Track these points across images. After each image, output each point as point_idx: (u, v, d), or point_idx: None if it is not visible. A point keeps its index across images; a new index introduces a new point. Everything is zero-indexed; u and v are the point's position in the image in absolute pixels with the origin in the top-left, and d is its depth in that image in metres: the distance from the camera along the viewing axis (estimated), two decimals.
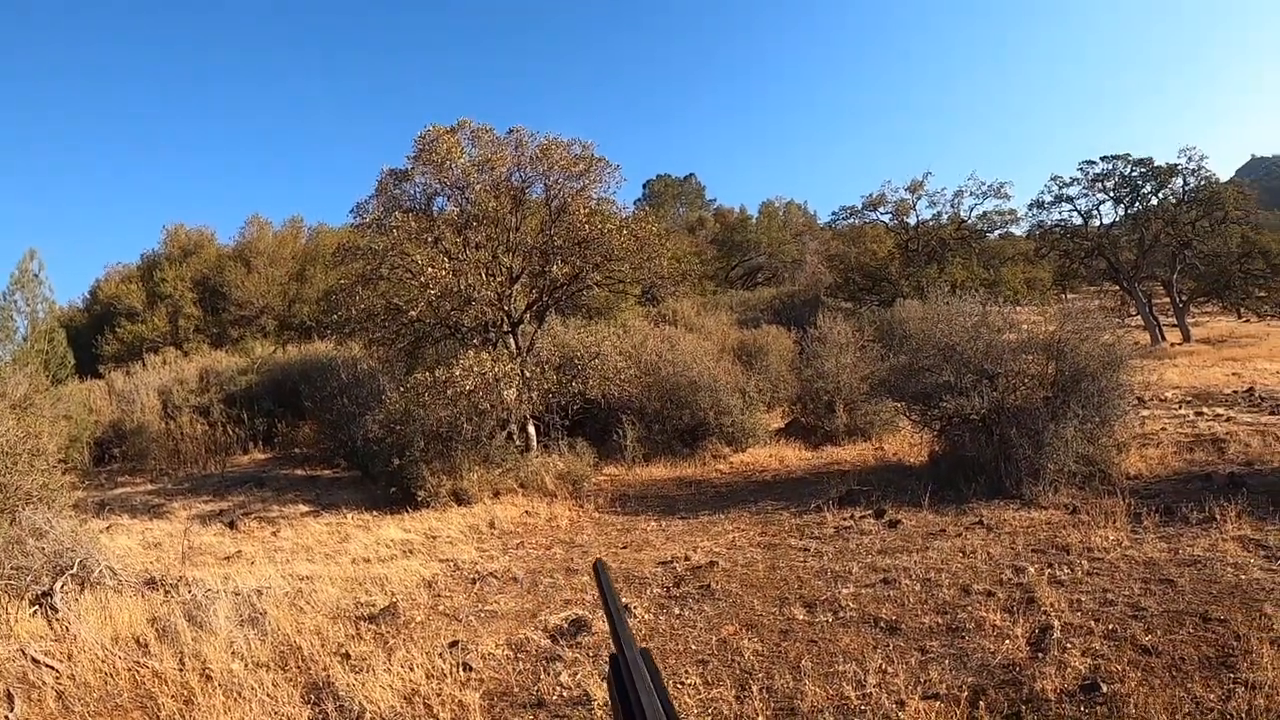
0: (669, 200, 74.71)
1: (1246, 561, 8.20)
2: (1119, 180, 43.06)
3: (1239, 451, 13.83)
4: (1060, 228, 44.52)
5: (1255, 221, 47.10)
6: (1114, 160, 43.25)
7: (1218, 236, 42.35)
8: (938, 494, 12.29)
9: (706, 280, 50.81)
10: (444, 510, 14.64)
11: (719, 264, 54.51)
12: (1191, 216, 41.96)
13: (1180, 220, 41.82)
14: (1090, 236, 43.62)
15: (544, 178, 18.12)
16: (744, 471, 16.81)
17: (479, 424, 16.19)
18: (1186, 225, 41.84)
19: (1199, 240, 42.17)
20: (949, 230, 41.92)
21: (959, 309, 13.88)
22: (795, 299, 40.32)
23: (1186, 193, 42.23)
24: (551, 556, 11.31)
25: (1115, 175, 43.14)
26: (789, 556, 10.13)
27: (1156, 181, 42.59)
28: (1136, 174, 42.76)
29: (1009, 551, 9.39)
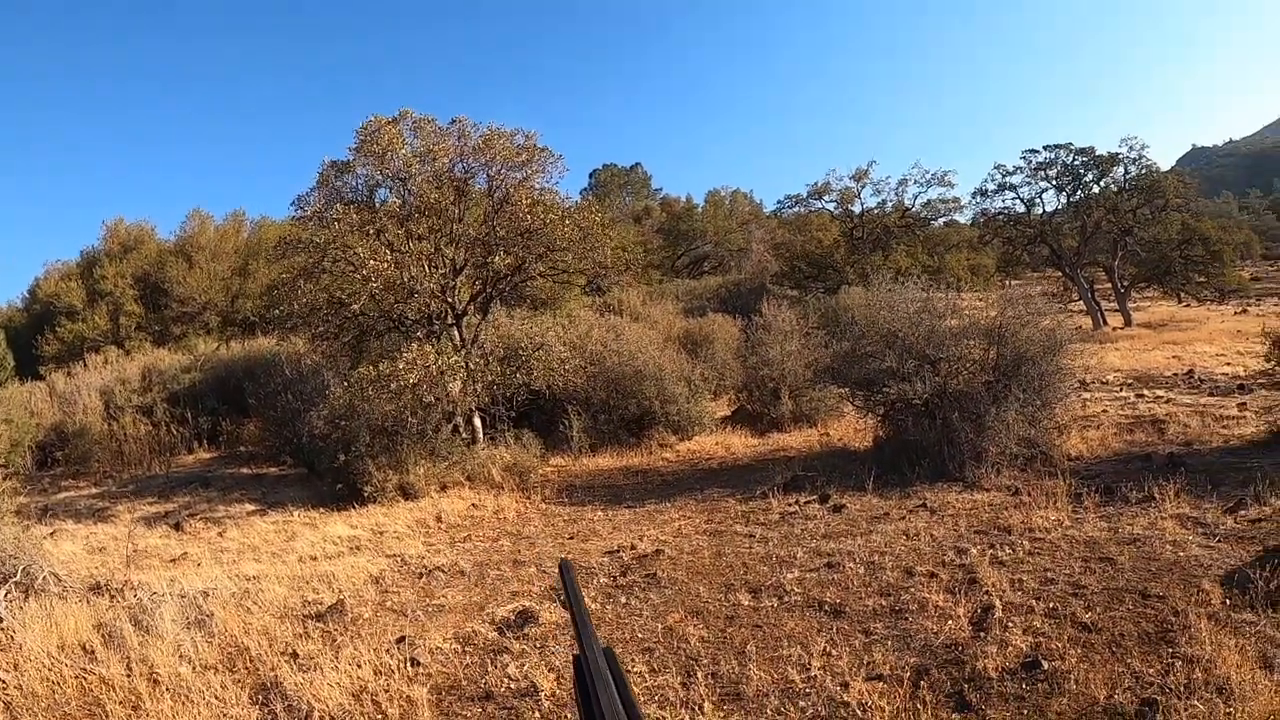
0: (615, 190, 74.54)
1: (1185, 539, 8.25)
2: (1061, 169, 43.61)
3: (1178, 432, 13.99)
4: (1004, 215, 45.00)
5: (1195, 209, 47.99)
6: (1056, 149, 43.81)
7: (1158, 224, 43.04)
8: (882, 478, 12.26)
9: (653, 269, 50.75)
10: (391, 505, 14.43)
11: (665, 253, 54.45)
12: (1132, 204, 42.60)
13: (1121, 208, 42.41)
14: (1033, 224, 44.13)
15: (486, 168, 17.86)
16: (690, 460, 16.74)
17: (424, 417, 15.95)
18: (1128, 213, 42.45)
19: (1140, 227, 42.83)
20: (893, 218, 42.19)
21: (901, 295, 13.85)
22: (741, 287, 40.24)
23: (1128, 181, 42.87)
24: (499, 549, 11.16)
25: (1058, 164, 43.70)
26: (735, 543, 10.04)
27: (1098, 170, 43.18)
28: (1078, 163, 43.34)
29: (952, 533, 9.39)
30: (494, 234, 17.50)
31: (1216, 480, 10.47)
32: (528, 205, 17.17)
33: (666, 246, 55.08)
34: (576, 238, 17.55)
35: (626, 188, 77.27)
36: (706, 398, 19.93)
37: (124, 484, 19.73)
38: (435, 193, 17.42)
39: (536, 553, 10.68)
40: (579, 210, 18.60)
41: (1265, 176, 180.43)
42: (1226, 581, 7.00)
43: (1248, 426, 13.95)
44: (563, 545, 11.11)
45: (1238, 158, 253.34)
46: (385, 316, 17.79)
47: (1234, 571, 7.22)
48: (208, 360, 27.94)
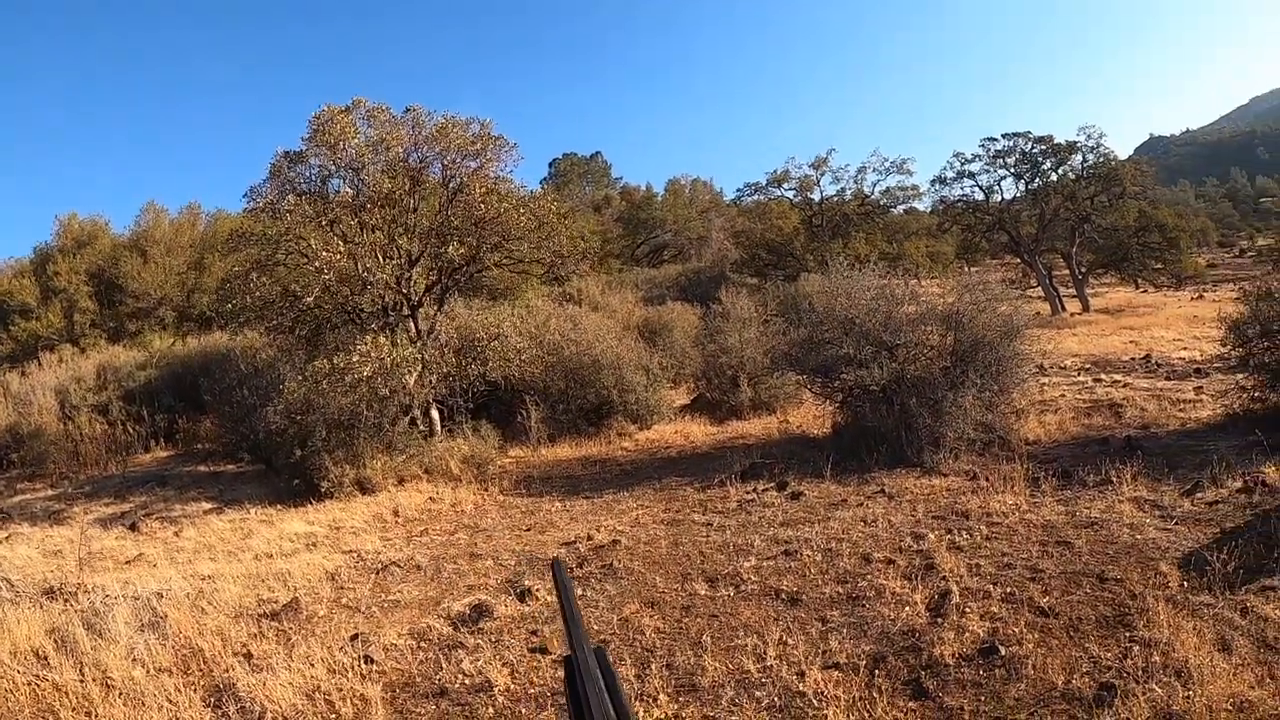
0: (575, 179, 74.31)
1: (1142, 521, 8.21)
2: (1020, 157, 43.84)
3: (1135, 416, 14.02)
4: (962, 203, 45.14)
5: (1152, 197, 48.35)
6: (1015, 138, 44.03)
7: (1115, 211, 43.43)
8: (840, 465, 12.19)
9: (612, 259, 50.49)
10: (348, 500, 14.21)
11: (625, 242, 54.31)
12: (1090, 192, 42.89)
13: (1079, 195, 42.68)
14: (991, 211, 44.33)
15: (441, 157, 17.61)
16: (649, 449, 16.62)
17: (381, 410, 15.68)
18: (1085, 200, 42.75)
19: (1097, 215, 43.18)
20: (852, 205, 42.24)
21: (859, 282, 13.75)
22: (701, 275, 40.18)
23: (1085, 169, 43.10)
24: (455, 542, 11.03)
25: (1016, 152, 43.92)
26: (692, 532, 9.93)
27: (1056, 158, 43.42)
28: (1037, 151, 43.56)
29: (909, 519, 9.31)
30: (448, 224, 17.25)
31: (1173, 463, 10.46)
32: (481, 194, 16.94)
33: (626, 235, 54.90)
34: (531, 227, 17.35)
35: (586, 177, 77.07)
36: (665, 386, 19.78)
37: (80, 485, 19.25)
38: (389, 182, 17.14)
39: (493, 545, 10.54)
40: (535, 199, 18.39)
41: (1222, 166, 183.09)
42: (1184, 564, 6.95)
43: (1204, 410, 13.98)
44: (519, 537, 10.94)
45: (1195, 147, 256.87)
46: (340, 309, 17.50)
47: (1191, 554, 7.17)
48: (163, 357, 27.37)
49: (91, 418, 22.73)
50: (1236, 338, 13.25)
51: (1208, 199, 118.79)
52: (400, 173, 17.60)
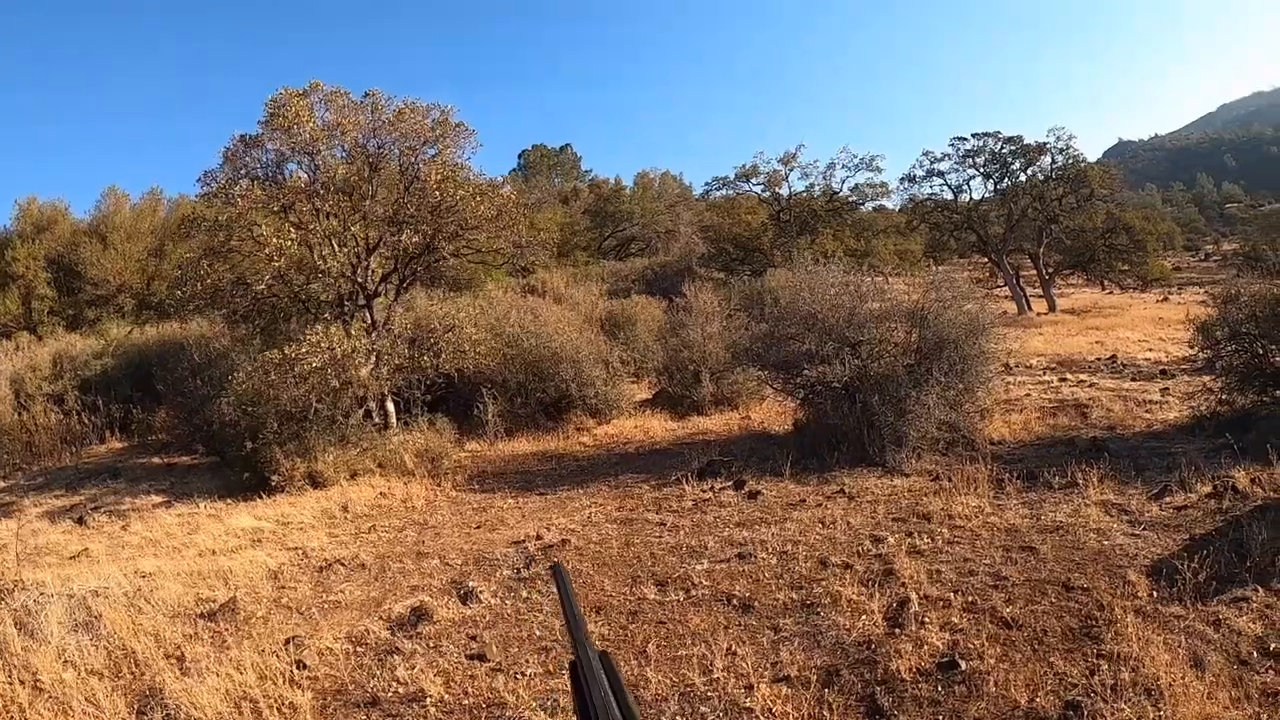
0: (544, 171, 73.78)
1: (1109, 527, 7.93)
2: (989, 157, 43.65)
3: (1101, 416, 13.81)
4: (931, 201, 44.97)
5: (1120, 199, 48.31)
6: (985, 137, 43.83)
7: (1083, 212, 43.34)
8: (801, 463, 11.85)
9: (579, 251, 50.13)
10: (299, 495, 13.78)
11: (592, 235, 53.81)
12: (1058, 193, 42.74)
13: (1047, 196, 42.52)
14: (960, 210, 44.17)
15: (398, 143, 17.12)
16: (607, 444, 16.23)
17: (334, 403, 15.22)
18: (1053, 201, 42.59)
19: (1065, 216, 43.06)
20: (820, 202, 41.99)
21: (821, 277, 13.43)
22: (667, 269, 39.74)
23: (1054, 170, 42.95)
24: (403, 540, 10.69)
25: (985, 152, 43.72)
26: (644, 532, 9.62)
27: (1025, 159, 43.24)
28: (1006, 151, 43.41)
29: (869, 521, 8.99)
30: (404, 211, 16.79)
31: (1140, 465, 10.24)
32: (437, 181, 16.45)
33: (593, 228, 54.37)
34: (489, 215, 16.90)
35: (556, 169, 76.46)
36: (626, 380, 19.42)
37: (33, 477, 18.61)
38: (342, 168, 16.70)
39: (441, 544, 10.22)
40: (493, 187, 17.93)
41: (1189, 171, 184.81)
42: (1153, 573, 6.66)
43: (1170, 411, 13.81)
44: (468, 535, 10.59)
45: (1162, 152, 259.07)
46: (294, 297, 16.98)
47: (1161, 562, 6.88)
48: (120, 345, 26.70)
49: (46, 407, 22.10)
50: (1205, 340, 13.02)
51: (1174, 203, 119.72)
52: (358, 158, 17.10)
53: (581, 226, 53.98)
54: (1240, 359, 12.45)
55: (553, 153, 78.73)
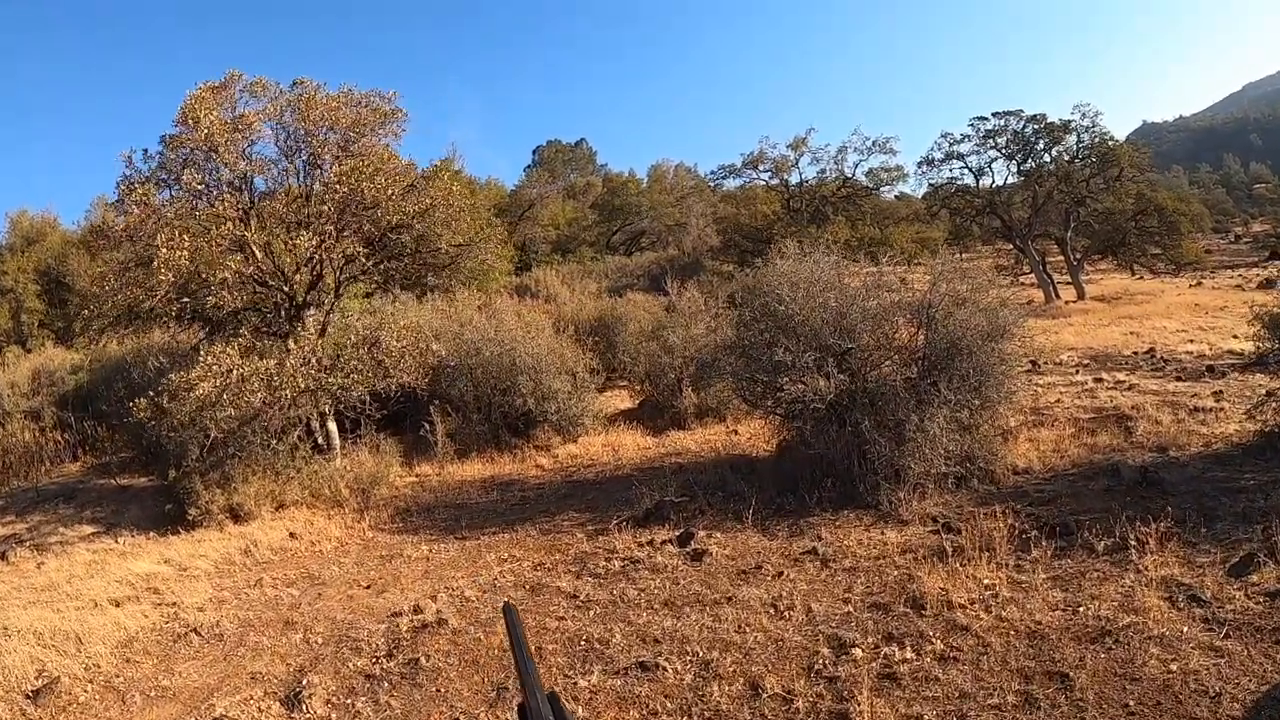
0: (559, 166, 72.87)
1: (1177, 631, 5.51)
2: (1011, 137, 41.46)
3: (1149, 431, 11.46)
4: (951, 185, 42.76)
5: (1151, 178, 46.19)
6: (1006, 116, 41.71)
7: (1112, 194, 41.05)
8: (775, 502, 9.76)
9: (585, 247, 48.50)
10: (219, 530, 12.55)
11: (600, 229, 52.10)
12: (1085, 174, 40.51)
13: (1074, 177, 40.30)
14: (982, 194, 41.99)
15: (314, 135, 15.28)
16: (567, 467, 14.40)
17: (262, 425, 13.75)
18: (1081, 182, 40.37)
19: (1093, 198, 40.83)
20: (831, 188, 39.96)
21: (794, 269, 11.03)
22: (675, 264, 38.00)
23: (1080, 150, 40.76)
24: (281, 600, 9.39)
25: (1007, 132, 41.59)
26: (546, 609, 7.71)
27: (1050, 138, 41.14)
28: (1029, 131, 41.20)
29: (838, 608, 6.64)
30: (302, 212, 15.10)
31: (1207, 510, 7.88)
32: (339, 174, 14.68)
33: (601, 222, 52.54)
34: (417, 211, 15.13)
35: (571, 164, 75.77)
36: (596, 391, 17.27)
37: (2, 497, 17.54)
38: (244, 164, 14.97)
39: (317, 609, 8.84)
40: (432, 176, 15.96)
41: (1215, 152, 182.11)
42: None
43: (1229, 423, 11.51)
44: (350, 599, 9.12)
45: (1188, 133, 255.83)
46: (198, 313, 15.78)
47: (1259, 706, 4.49)
48: (96, 358, 25.32)
49: (24, 424, 20.99)
50: (1273, 335, 10.64)
51: (1201, 185, 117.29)
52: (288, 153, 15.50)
53: (589, 221, 52.89)
54: None
55: (567, 148, 78.31)
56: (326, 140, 15.21)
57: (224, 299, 14.41)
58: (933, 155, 42.58)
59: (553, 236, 49.82)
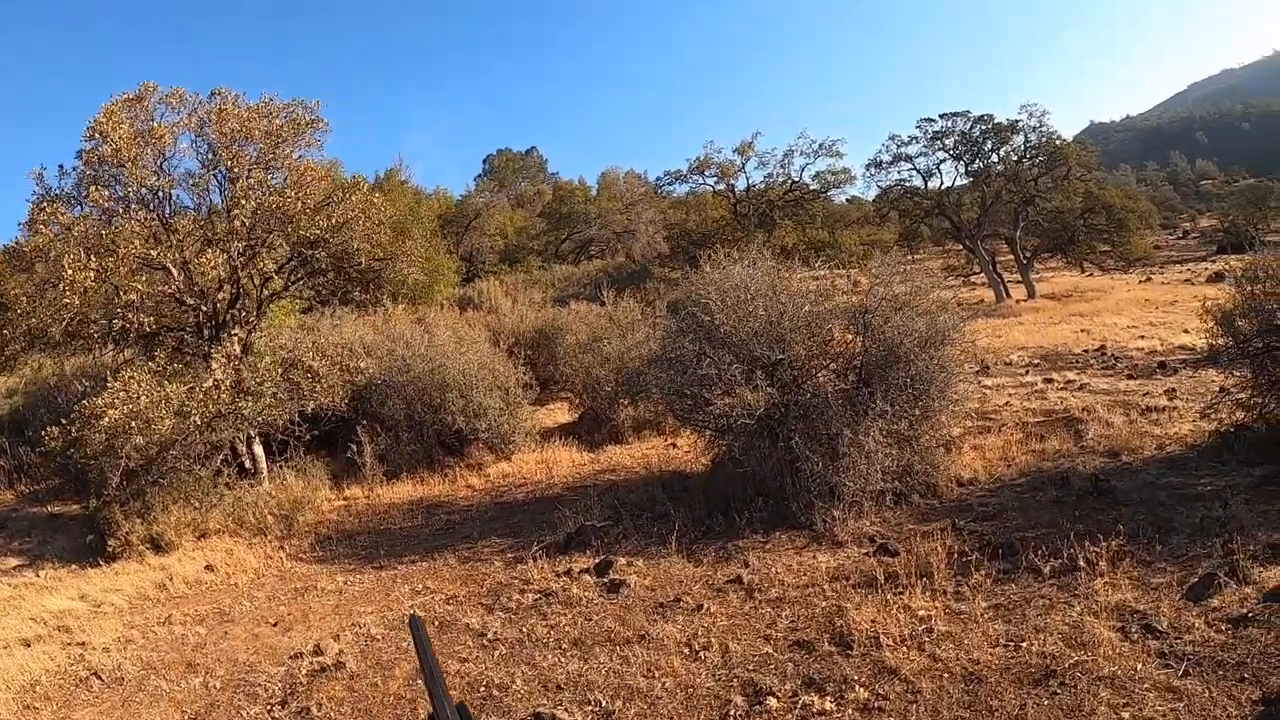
0: (510, 174, 72.71)
1: (1131, 671, 4.91)
2: (958, 138, 41.30)
3: (1100, 435, 11.07)
4: (899, 187, 42.52)
5: (1099, 176, 46.36)
6: (953, 118, 41.61)
7: (1060, 192, 41.06)
8: (705, 523, 9.18)
9: (533, 256, 47.90)
10: (139, 561, 11.95)
11: (549, 238, 51.38)
12: (1034, 173, 40.55)
13: (1022, 177, 40.30)
14: (930, 195, 41.79)
15: (226, 148, 14.64)
16: (498, 487, 13.78)
17: (183, 450, 13.10)
18: (1029, 182, 40.37)
19: (1042, 197, 40.78)
20: (778, 192, 39.66)
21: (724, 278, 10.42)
22: (623, 271, 37.52)
23: (1028, 149, 40.74)
24: (188, 639, 8.86)
25: (955, 133, 41.45)
26: (451, 649, 7.19)
27: (997, 138, 41.04)
28: (977, 131, 41.06)
29: (757, 647, 6.01)
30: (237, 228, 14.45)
31: (1162, 523, 7.38)
32: (245, 188, 14.17)
33: (550, 231, 51.85)
34: (331, 226, 14.70)
35: (522, 172, 75.66)
36: (527, 408, 16.60)
37: None
38: (154, 179, 14.31)
39: (221, 650, 8.37)
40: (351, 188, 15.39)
41: (1162, 151, 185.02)
42: None
43: (1184, 423, 11.18)
44: (256, 638, 8.61)
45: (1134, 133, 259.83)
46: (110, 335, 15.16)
47: None
48: (32, 381, 24.41)
49: None
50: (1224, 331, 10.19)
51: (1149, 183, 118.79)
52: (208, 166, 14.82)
53: (537, 230, 52.47)
54: (1274, 358, 9.60)
55: (518, 156, 78.08)
56: (240, 153, 14.50)
57: (131, 321, 13.86)
58: (881, 158, 42.39)
59: (500, 246, 49.12)
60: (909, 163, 42.12)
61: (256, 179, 14.30)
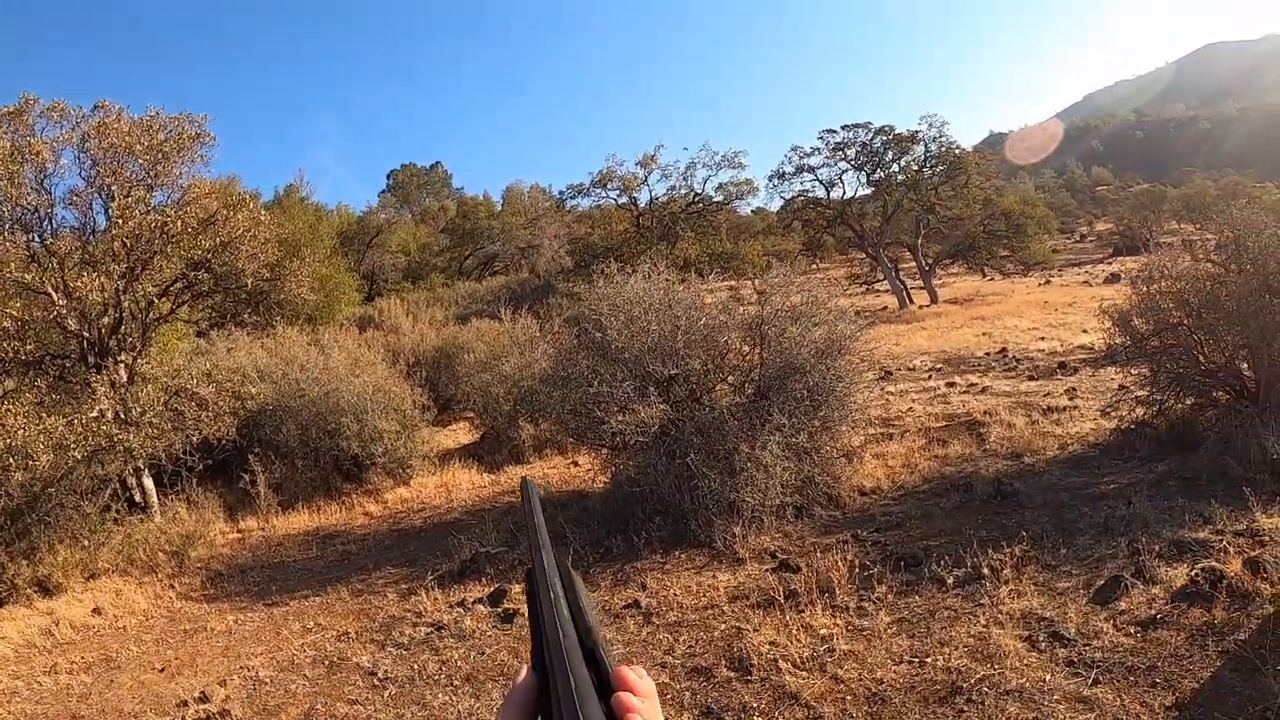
0: (414, 189, 72.04)
1: (1040, 682, 4.69)
2: (860, 149, 41.67)
3: (1002, 438, 10.99)
4: (802, 198, 42.77)
5: (997, 185, 47.22)
6: (855, 129, 41.93)
7: (960, 200, 41.68)
8: (604, 543, 8.84)
9: (436, 273, 47.24)
10: (27, 606, 11.28)
11: (452, 254, 50.77)
12: (934, 182, 41.04)
13: (923, 185, 40.75)
14: (832, 205, 42.07)
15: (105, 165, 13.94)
16: (396, 514, 13.36)
17: (69, 485, 12.46)
18: (929, 190, 40.84)
19: (942, 205, 41.34)
20: (681, 204, 39.67)
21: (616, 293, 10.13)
22: (526, 287, 37.10)
23: (928, 159, 41.23)
24: (72, 689, 8.40)
25: (856, 144, 41.77)
26: (342, 690, 6.79)
27: (898, 149, 41.45)
28: (878, 142, 41.48)
29: (654, 674, 5.64)
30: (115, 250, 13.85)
31: (1066, 524, 7.25)
32: (119, 209, 13.48)
33: (453, 247, 51.17)
34: (213, 247, 14.14)
35: (426, 188, 74.67)
36: (424, 430, 16.14)
37: None
38: (33, 196, 13.56)
39: (105, 701, 7.96)
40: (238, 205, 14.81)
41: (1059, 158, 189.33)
42: None
43: (1085, 421, 11.21)
44: (141, 686, 8.20)
45: None
46: None
47: None
48: None
49: None
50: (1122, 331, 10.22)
51: (1047, 189, 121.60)
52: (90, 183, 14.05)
53: (440, 246, 51.75)
54: (1171, 356, 9.61)
55: (422, 171, 76.81)
56: (120, 169, 13.83)
57: (6, 349, 13.31)
58: (783, 169, 42.49)
59: (403, 263, 48.36)
60: (811, 173, 42.27)
61: (136, 197, 13.65)
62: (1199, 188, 66.55)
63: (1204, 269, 9.83)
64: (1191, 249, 11.38)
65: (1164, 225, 59.65)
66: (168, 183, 14.26)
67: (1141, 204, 64.21)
